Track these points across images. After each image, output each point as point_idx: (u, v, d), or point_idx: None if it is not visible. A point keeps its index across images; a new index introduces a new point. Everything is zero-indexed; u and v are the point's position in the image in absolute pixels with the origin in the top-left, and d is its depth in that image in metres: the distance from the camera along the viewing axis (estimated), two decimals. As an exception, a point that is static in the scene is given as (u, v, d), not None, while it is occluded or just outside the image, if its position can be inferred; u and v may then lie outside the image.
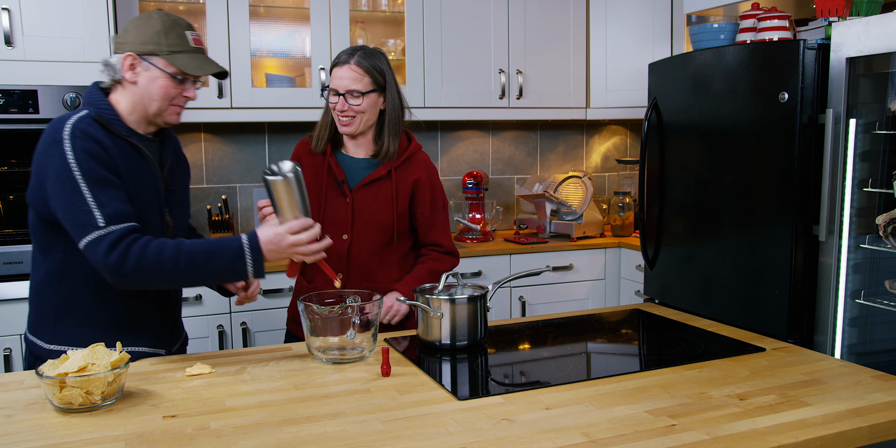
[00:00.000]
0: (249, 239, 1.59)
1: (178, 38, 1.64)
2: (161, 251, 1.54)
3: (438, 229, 2.11)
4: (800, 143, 2.24)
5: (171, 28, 1.64)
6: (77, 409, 1.37)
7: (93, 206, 1.53)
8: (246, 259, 1.57)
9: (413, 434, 1.27)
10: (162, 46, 1.63)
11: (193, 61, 1.65)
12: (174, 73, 1.64)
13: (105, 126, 1.62)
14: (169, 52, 1.63)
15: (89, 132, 1.57)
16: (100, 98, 1.66)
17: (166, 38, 1.63)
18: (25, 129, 2.61)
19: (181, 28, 1.65)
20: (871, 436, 1.30)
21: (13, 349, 2.58)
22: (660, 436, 1.25)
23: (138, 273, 1.53)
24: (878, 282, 2.22)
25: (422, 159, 2.10)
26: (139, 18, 1.66)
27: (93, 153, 1.55)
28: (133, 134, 1.67)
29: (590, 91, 3.64)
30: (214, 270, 1.57)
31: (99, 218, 1.53)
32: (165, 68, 1.64)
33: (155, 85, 1.64)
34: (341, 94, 1.94)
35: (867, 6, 2.49)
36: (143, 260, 1.53)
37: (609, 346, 1.88)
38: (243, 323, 2.86)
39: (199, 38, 1.69)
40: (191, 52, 1.66)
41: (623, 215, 3.65)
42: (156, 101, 1.66)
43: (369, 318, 1.67)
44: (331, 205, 2.02)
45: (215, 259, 1.56)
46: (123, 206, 1.57)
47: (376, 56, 1.98)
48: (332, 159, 2.03)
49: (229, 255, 1.57)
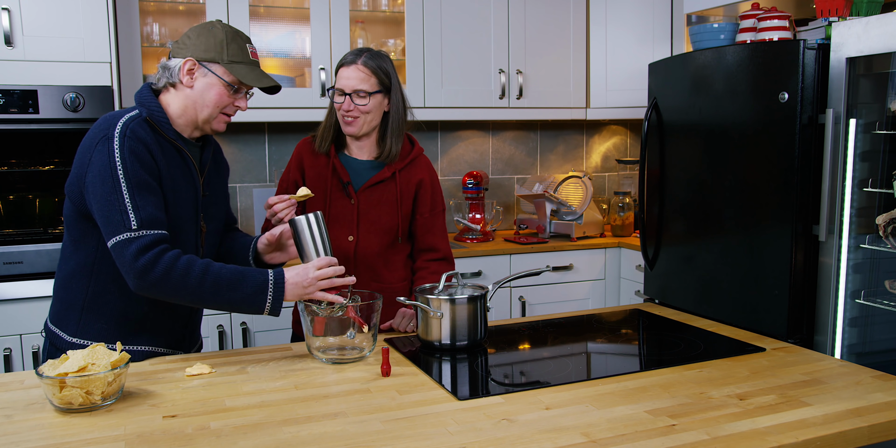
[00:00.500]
0: (275, 275, 1.60)
1: (238, 49, 1.69)
2: (189, 268, 1.55)
3: (437, 232, 2.11)
4: (800, 143, 2.24)
5: (233, 39, 1.69)
6: (77, 409, 1.37)
7: (129, 208, 1.55)
8: (268, 294, 1.58)
9: (413, 434, 1.27)
10: (223, 55, 1.67)
11: (252, 72, 1.70)
12: (232, 81, 1.68)
13: (155, 127, 1.64)
14: (229, 61, 1.68)
15: (139, 133, 1.59)
16: (151, 99, 1.68)
17: (228, 48, 1.68)
18: (25, 129, 2.60)
19: (242, 41, 1.71)
20: (871, 436, 1.30)
21: (13, 349, 2.58)
22: (660, 436, 1.25)
23: (163, 283, 1.54)
24: (878, 282, 2.22)
25: (425, 162, 2.11)
26: (202, 27, 1.70)
27: (138, 155, 1.57)
28: (179, 137, 1.69)
29: (590, 91, 3.64)
30: (234, 299, 1.58)
31: (133, 220, 1.54)
32: (224, 76, 1.67)
33: (211, 91, 1.67)
34: (347, 94, 1.94)
35: (867, 6, 2.49)
36: (172, 272, 1.54)
37: (609, 346, 1.88)
38: (243, 323, 2.86)
39: (256, 52, 1.75)
40: (249, 64, 1.71)
41: (623, 215, 3.65)
42: (208, 108, 1.69)
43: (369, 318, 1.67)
44: (335, 206, 2.02)
45: (239, 288, 1.58)
46: (158, 212, 1.58)
47: (382, 58, 1.99)
48: (336, 160, 2.03)
49: (253, 287, 1.58)
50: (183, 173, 1.69)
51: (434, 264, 2.09)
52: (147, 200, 1.57)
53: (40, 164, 2.68)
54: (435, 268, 2.07)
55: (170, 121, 1.68)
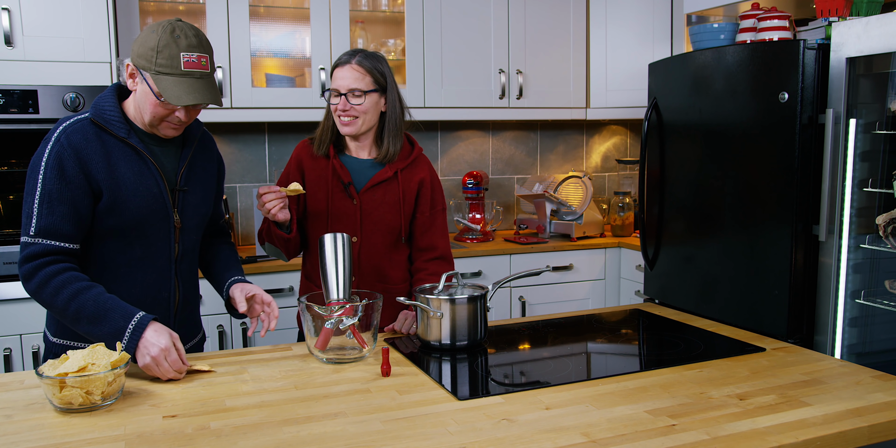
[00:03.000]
0: (135, 327, 1.55)
1: (168, 58, 1.57)
2: (61, 289, 1.56)
3: (436, 231, 2.10)
4: (800, 143, 2.24)
5: (165, 47, 1.57)
6: (77, 409, 1.37)
7: (34, 213, 1.58)
8: (123, 339, 1.54)
9: (413, 434, 1.27)
10: (151, 64, 1.58)
11: (176, 87, 1.57)
12: (157, 94, 1.59)
13: (102, 128, 1.63)
14: (156, 72, 1.58)
15: (73, 139, 1.60)
16: (107, 99, 1.66)
17: (158, 56, 1.57)
18: (25, 129, 2.60)
19: (177, 48, 1.57)
20: (871, 436, 1.30)
21: (13, 349, 2.58)
22: (660, 436, 1.25)
23: (36, 295, 1.59)
24: (878, 282, 2.22)
25: (425, 162, 2.12)
26: (147, 28, 1.63)
27: (62, 163, 1.58)
28: (134, 135, 1.66)
29: (590, 91, 3.64)
30: (92, 332, 1.57)
31: (33, 226, 1.58)
32: (152, 87, 1.59)
33: (145, 100, 1.62)
34: (343, 94, 1.95)
35: (867, 6, 2.49)
36: (45, 287, 1.57)
37: (609, 346, 1.88)
38: (243, 323, 2.86)
39: (194, 61, 1.59)
40: (177, 76, 1.58)
41: (623, 215, 3.65)
42: (147, 115, 1.64)
43: (369, 318, 1.67)
44: (337, 207, 2.02)
45: (97, 324, 1.56)
46: (64, 224, 1.58)
47: (377, 58, 1.99)
48: (336, 161, 2.02)
49: (110, 328, 1.55)
50: (140, 170, 1.66)
51: (433, 265, 2.08)
52: (53, 210, 1.57)
53: (40, 164, 2.67)
54: (434, 268, 2.07)
55: (124, 120, 1.65)
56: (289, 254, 2.05)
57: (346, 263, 1.72)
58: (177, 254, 1.76)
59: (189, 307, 1.86)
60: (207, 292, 2.78)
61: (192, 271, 1.85)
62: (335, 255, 1.72)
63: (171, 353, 1.54)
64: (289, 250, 2.03)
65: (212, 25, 2.97)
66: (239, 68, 3.02)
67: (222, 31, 2.99)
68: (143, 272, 1.71)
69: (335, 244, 1.73)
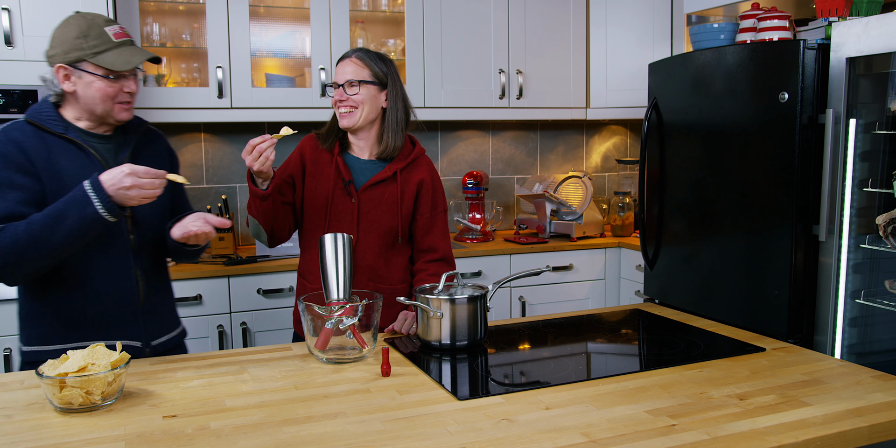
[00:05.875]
0: (90, 182, 1.57)
1: (97, 37, 1.65)
2: (15, 230, 1.57)
3: (437, 232, 2.10)
4: (800, 143, 2.24)
5: (89, 29, 1.65)
6: (77, 409, 1.37)
7: None
8: (92, 200, 1.55)
9: (413, 434, 1.27)
10: (85, 50, 1.64)
11: (119, 57, 1.65)
12: (104, 73, 1.65)
13: (39, 127, 1.68)
14: (93, 53, 1.64)
15: (11, 134, 1.66)
16: (41, 105, 1.72)
17: (86, 40, 1.64)
18: (25, 129, 2.60)
19: (99, 26, 1.66)
20: (871, 436, 1.30)
21: (13, 349, 2.58)
22: (660, 436, 1.25)
23: (6, 262, 1.57)
24: (878, 282, 2.22)
25: (426, 162, 2.12)
26: (59, 27, 1.68)
27: (5, 155, 1.63)
28: (73, 131, 1.70)
29: (590, 91, 3.64)
30: (71, 224, 1.56)
31: None
32: (95, 71, 1.65)
33: (91, 89, 1.67)
34: (341, 85, 1.99)
35: (867, 6, 2.49)
36: (4, 247, 1.56)
37: (609, 346, 1.88)
38: (243, 323, 2.86)
39: (120, 32, 1.69)
40: (115, 48, 1.66)
41: (623, 215, 3.65)
42: (99, 104, 1.68)
43: (369, 318, 1.67)
44: (337, 204, 2.02)
45: (66, 212, 1.56)
46: (16, 207, 1.61)
47: (379, 55, 2.04)
48: (339, 159, 2.04)
49: (77, 203, 1.56)
50: (83, 163, 1.69)
51: (433, 266, 2.08)
52: (6, 197, 1.61)
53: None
54: (434, 269, 2.06)
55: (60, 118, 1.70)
56: (269, 229, 1.98)
57: (347, 263, 1.72)
58: (133, 244, 1.77)
59: (158, 299, 1.86)
60: (207, 292, 2.79)
61: (155, 261, 1.85)
62: (335, 255, 1.72)
63: (135, 169, 1.56)
64: (267, 221, 1.96)
65: (212, 25, 2.97)
66: (239, 68, 3.02)
67: (222, 31, 2.99)
68: (101, 261, 1.73)
69: (335, 244, 1.73)
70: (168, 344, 1.88)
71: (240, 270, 2.83)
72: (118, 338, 1.75)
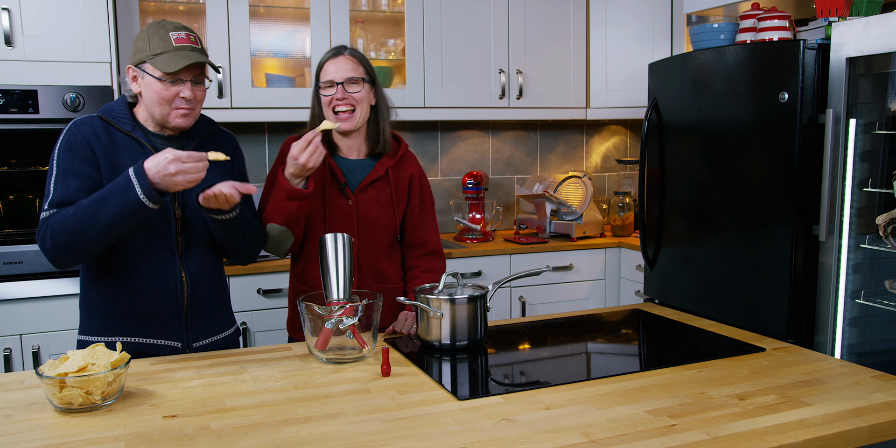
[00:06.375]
0: (135, 170, 1.59)
1: (160, 40, 1.69)
2: (65, 213, 1.63)
3: (427, 226, 2.10)
4: (800, 143, 2.24)
5: (155, 33, 1.70)
6: (77, 409, 1.37)
7: (51, 190, 1.68)
8: (135, 186, 1.57)
9: (413, 434, 1.27)
10: (147, 52, 1.69)
11: (171, 59, 1.68)
12: (161, 76, 1.69)
13: (109, 123, 1.74)
14: (152, 56, 1.69)
15: (82, 129, 1.72)
16: (117, 103, 1.79)
17: (150, 43, 1.69)
18: (25, 129, 2.60)
19: (165, 31, 1.70)
20: (871, 436, 1.30)
21: (13, 349, 2.58)
22: (660, 436, 1.25)
23: (56, 244, 1.63)
24: (878, 282, 2.22)
25: (412, 157, 2.13)
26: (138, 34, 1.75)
27: (72, 145, 1.70)
28: (139, 130, 1.75)
29: (590, 91, 3.64)
30: (113, 209, 1.59)
31: (48, 202, 1.68)
32: (153, 72, 1.69)
33: (150, 91, 1.71)
34: (339, 83, 1.94)
35: (867, 6, 2.49)
36: (55, 229, 1.62)
37: (609, 346, 1.88)
38: (243, 323, 2.86)
39: (183, 37, 1.71)
40: (172, 52, 1.69)
41: (623, 215, 3.65)
42: (156, 107, 1.72)
43: (369, 318, 1.67)
44: (334, 207, 2.01)
45: (109, 198, 1.59)
46: (76, 194, 1.66)
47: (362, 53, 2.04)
48: (331, 161, 2.02)
49: (120, 189, 1.59)
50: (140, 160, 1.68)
51: (425, 261, 2.08)
52: (68, 184, 1.67)
53: (40, 164, 2.68)
54: (427, 265, 2.07)
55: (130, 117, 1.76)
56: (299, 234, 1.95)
57: (347, 263, 1.72)
58: (180, 246, 1.78)
59: (205, 302, 1.85)
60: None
61: (204, 264, 1.84)
62: (336, 255, 1.72)
63: (178, 154, 1.58)
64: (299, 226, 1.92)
65: (212, 25, 2.97)
66: (239, 68, 3.02)
67: (222, 31, 2.99)
68: (147, 262, 1.76)
69: (336, 244, 1.73)
70: (212, 346, 1.87)
71: (239, 270, 2.83)
72: (159, 337, 1.78)
